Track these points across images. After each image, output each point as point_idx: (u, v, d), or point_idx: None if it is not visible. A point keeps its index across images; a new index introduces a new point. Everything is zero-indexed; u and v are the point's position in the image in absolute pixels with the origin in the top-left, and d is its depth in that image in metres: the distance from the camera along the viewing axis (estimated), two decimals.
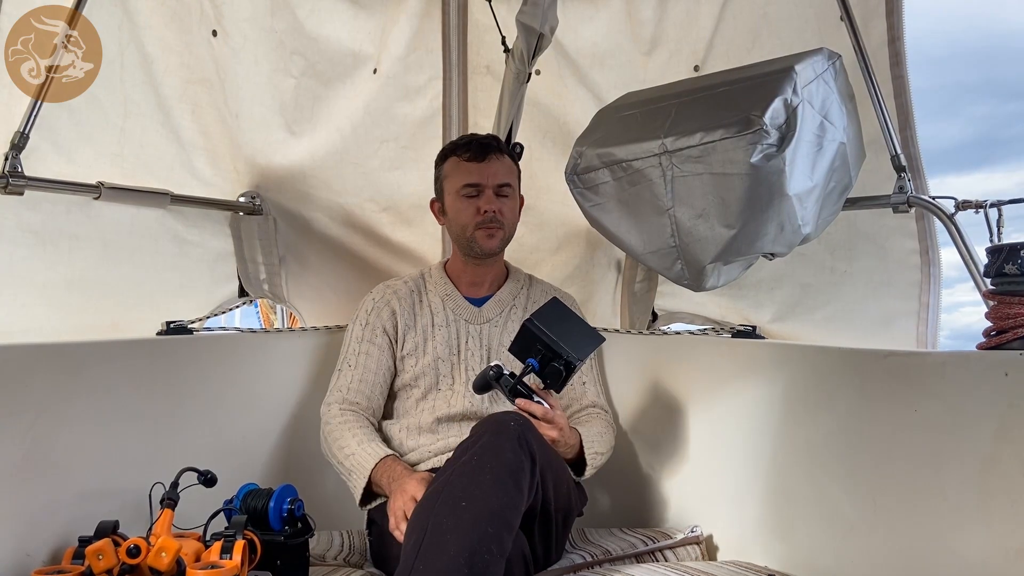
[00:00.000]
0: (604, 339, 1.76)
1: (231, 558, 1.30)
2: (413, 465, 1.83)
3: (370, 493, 1.75)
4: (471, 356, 1.94)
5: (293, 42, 2.28)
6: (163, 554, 1.28)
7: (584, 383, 2.01)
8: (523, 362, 1.65)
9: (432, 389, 1.92)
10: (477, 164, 1.94)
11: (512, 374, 1.66)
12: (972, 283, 1.78)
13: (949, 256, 2.02)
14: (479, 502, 1.36)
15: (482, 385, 1.67)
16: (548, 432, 1.64)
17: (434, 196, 2.05)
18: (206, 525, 1.42)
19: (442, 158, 2.02)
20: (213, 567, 1.28)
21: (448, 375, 1.93)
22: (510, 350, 1.70)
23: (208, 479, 1.50)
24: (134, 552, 1.29)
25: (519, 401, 1.64)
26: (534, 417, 1.62)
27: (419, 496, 1.54)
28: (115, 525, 1.38)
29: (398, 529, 1.56)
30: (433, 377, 1.92)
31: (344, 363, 1.97)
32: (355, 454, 1.77)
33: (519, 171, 2.04)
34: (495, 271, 2.05)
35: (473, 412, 1.87)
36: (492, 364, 1.67)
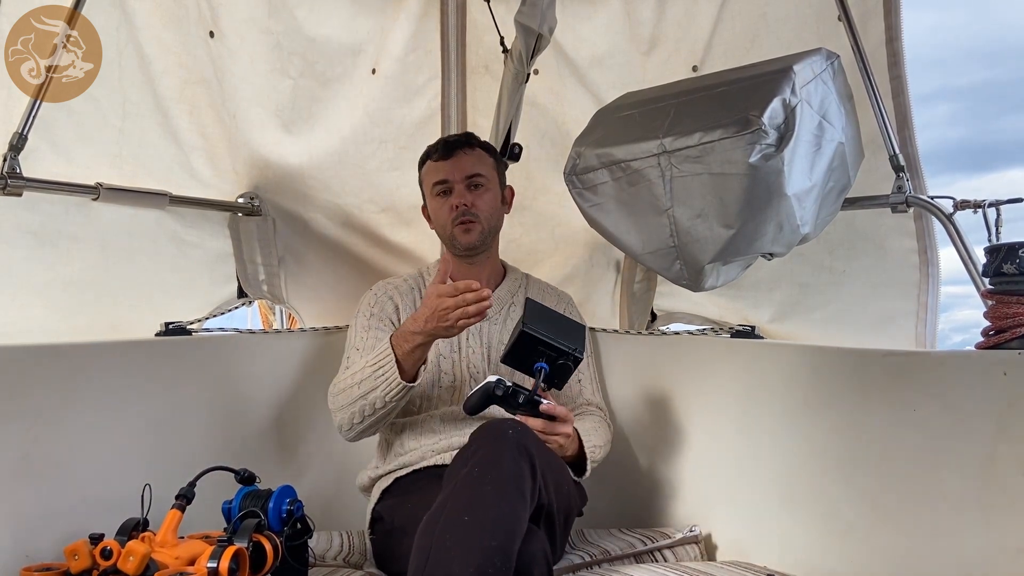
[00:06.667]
0: (585, 324, 1.73)
1: (218, 565, 1.27)
2: (414, 463, 1.82)
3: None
4: (472, 353, 1.94)
5: (290, 43, 2.27)
6: (131, 558, 1.28)
7: (580, 381, 2.00)
8: (526, 370, 1.63)
9: (433, 386, 1.91)
10: (445, 162, 1.97)
11: (516, 385, 1.58)
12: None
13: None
14: (481, 515, 1.35)
15: (481, 404, 1.57)
16: (564, 429, 1.63)
17: (423, 203, 2.08)
18: (234, 527, 1.37)
19: (420, 164, 2.06)
20: (182, 575, 1.27)
21: (449, 372, 1.93)
22: (507, 361, 1.65)
23: (245, 477, 1.50)
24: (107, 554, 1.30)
25: (546, 407, 1.59)
26: (553, 420, 1.61)
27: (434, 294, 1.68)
28: (137, 523, 1.38)
29: (443, 297, 1.67)
30: (435, 374, 1.92)
31: (351, 348, 1.91)
32: (368, 360, 1.76)
33: (497, 162, 2.05)
34: (490, 269, 2.04)
35: (478, 414, 1.85)
36: (493, 380, 1.56)
